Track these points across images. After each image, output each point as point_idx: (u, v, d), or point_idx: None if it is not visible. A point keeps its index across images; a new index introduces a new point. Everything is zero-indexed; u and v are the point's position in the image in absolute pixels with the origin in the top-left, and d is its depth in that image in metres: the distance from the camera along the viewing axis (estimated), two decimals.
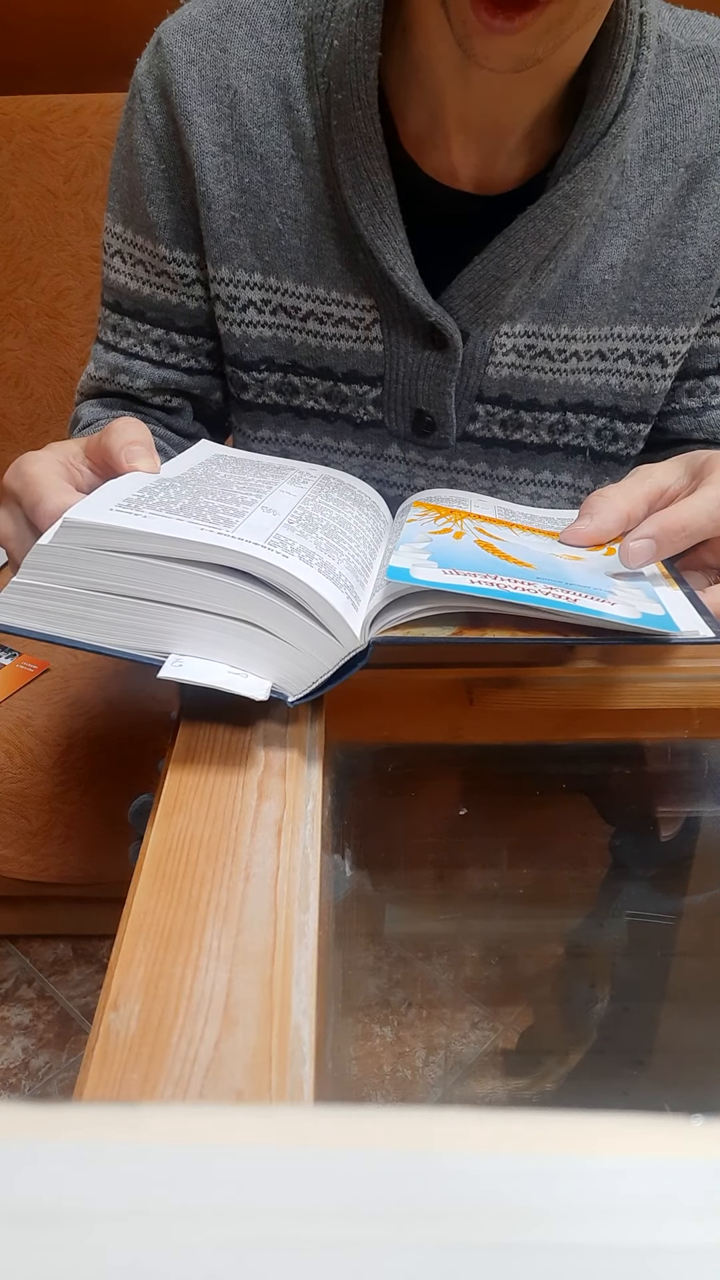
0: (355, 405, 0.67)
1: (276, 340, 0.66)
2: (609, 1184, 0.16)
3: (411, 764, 0.72)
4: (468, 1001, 1.15)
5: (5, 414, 1.42)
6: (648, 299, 0.62)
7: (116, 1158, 0.16)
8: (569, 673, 0.50)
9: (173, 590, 0.42)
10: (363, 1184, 0.16)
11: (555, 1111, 0.18)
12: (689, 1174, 0.17)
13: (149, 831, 0.39)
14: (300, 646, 0.43)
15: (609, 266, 0.61)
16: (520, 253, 0.59)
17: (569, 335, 0.63)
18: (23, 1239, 0.15)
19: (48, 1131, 0.17)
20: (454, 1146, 0.17)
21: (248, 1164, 0.16)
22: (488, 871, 0.83)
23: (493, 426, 0.67)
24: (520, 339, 0.63)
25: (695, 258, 0.61)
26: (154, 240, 0.65)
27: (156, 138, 0.62)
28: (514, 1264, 0.15)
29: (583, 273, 0.62)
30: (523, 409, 0.66)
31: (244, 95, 0.60)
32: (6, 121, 1.29)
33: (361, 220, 0.59)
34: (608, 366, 0.65)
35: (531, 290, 0.62)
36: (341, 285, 0.63)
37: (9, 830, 1.09)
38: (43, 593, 0.42)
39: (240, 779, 0.41)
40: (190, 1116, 0.17)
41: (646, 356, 0.64)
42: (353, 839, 0.57)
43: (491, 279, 0.60)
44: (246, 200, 0.62)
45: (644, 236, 0.61)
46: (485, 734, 0.53)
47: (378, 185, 0.58)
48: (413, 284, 0.60)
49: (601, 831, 0.83)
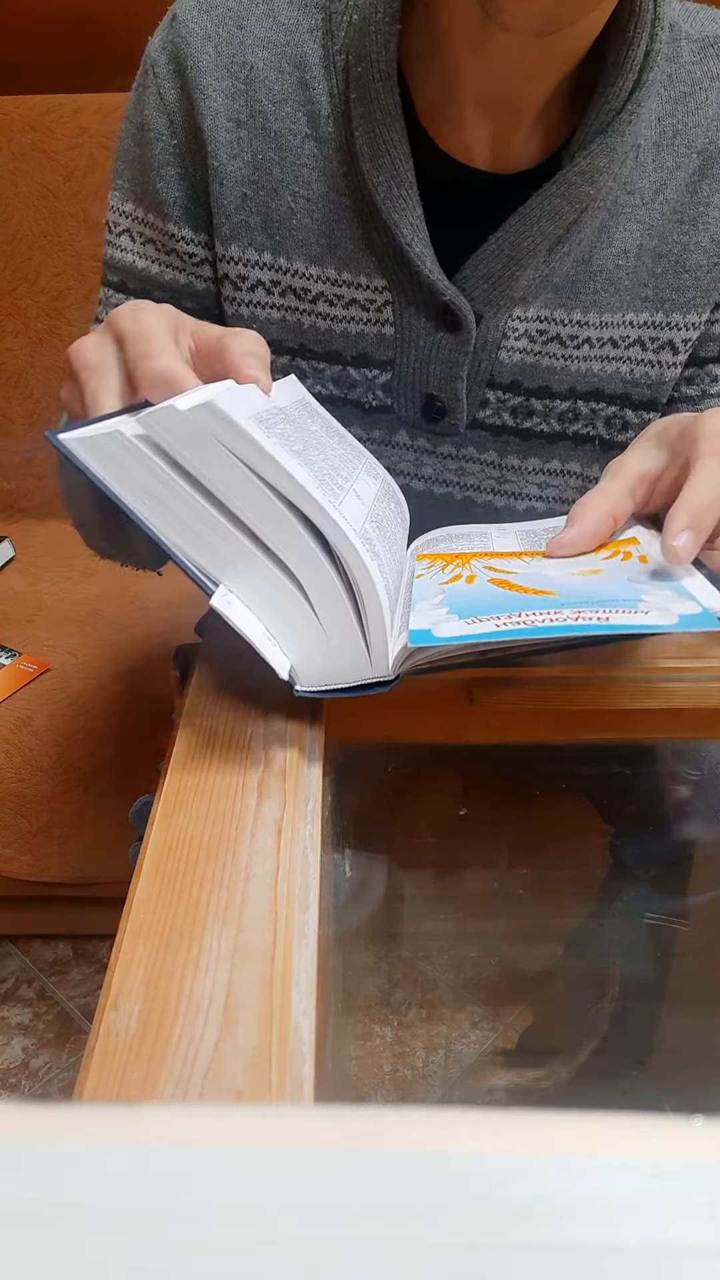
0: (364, 390, 0.66)
1: (285, 323, 0.65)
2: (609, 1184, 0.16)
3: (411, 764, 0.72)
4: (468, 1001, 1.15)
5: (5, 414, 1.42)
6: (660, 285, 0.63)
7: (116, 1158, 0.16)
8: (569, 673, 0.50)
9: (267, 528, 0.41)
10: (363, 1184, 0.16)
11: (555, 1111, 0.18)
12: (689, 1174, 0.17)
13: (149, 831, 0.39)
14: (337, 646, 0.42)
15: (622, 251, 0.61)
16: (536, 230, 0.59)
17: (581, 321, 0.63)
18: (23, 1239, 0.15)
19: (48, 1131, 0.17)
20: (454, 1146, 0.17)
21: (248, 1164, 0.16)
22: (488, 871, 0.83)
23: (503, 414, 0.67)
24: (533, 324, 0.63)
25: (707, 243, 0.61)
26: (164, 218, 0.65)
27: (169, 112, 0.62)
28: (514, 1264, 0.15)
29: (596, 257, 0.62)
30: (534, 396, 0.66)
31: (260, 71, 0.60)
32: (6, 121, 1.29)
33: (379, 194, 0.59)
34: (619, 354, 0.65)
35: (545, 274, 0.61)
36: (354, 266, 0.62)
37: (9, 830, 1.09)
38: (138, 456, 0.39)
39: (240, 779, 0.41)
40: (190, 1116, 0.17)
41: (658, 344, 0.64)
42: (353, 839, 0.57)
43: (506, 258, 0.60)
44: (259, 177, 0.61)
45: (657, 222, 0.61)
46: (485, 734, 0.53)
47: (396, 158, 0.58)
48: (428, 261, 0.60)
49: (601, 831, 0.83)
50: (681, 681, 0.50)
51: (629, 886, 0.83)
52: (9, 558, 1.37)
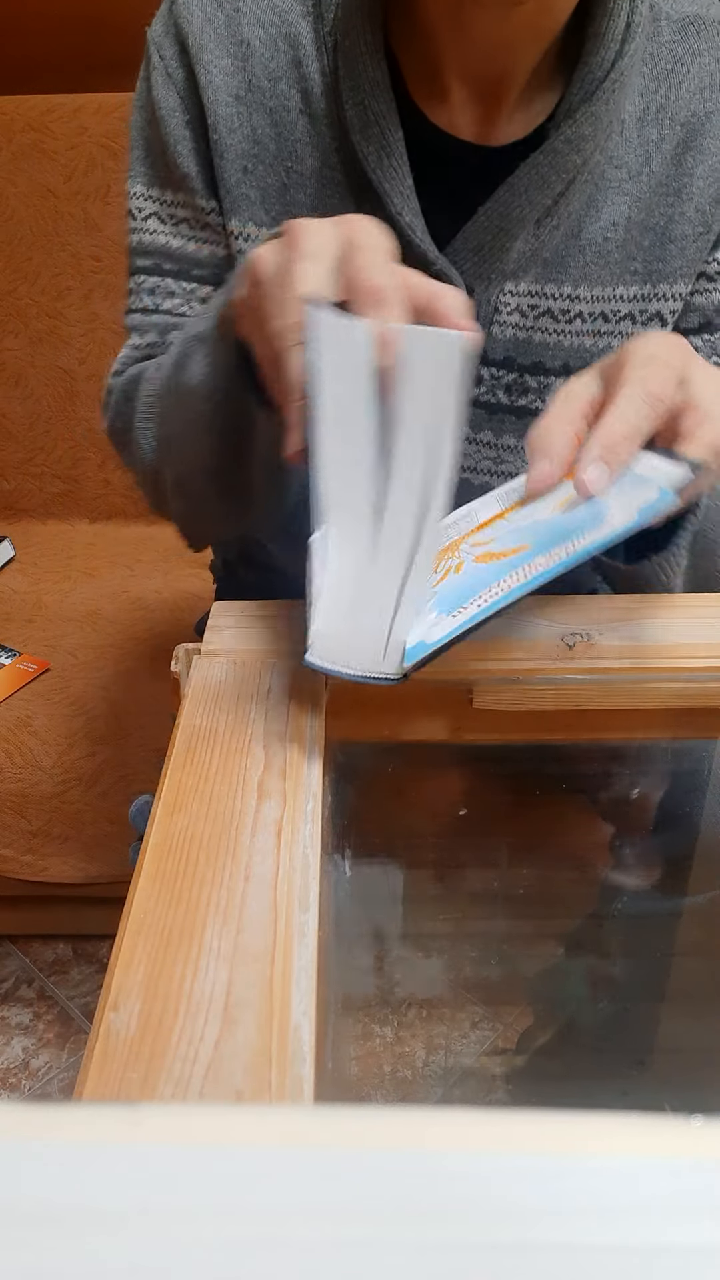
0: None
1: None
2: (609, 1184, 0.16)
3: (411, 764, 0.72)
4: (468, 1001, 1.15)
5: (5, 414, 1.42)
6: (648, 258, 0.64)
7: (116, 1158, 0.16)
8: (569, 673, 0.50)
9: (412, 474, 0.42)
10: (363, 1184, 0.16)
11: (555, 1111, 0.18)
12: (689, 1174, 0.17)
13: (149, 831, 0.39)
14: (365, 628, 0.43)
15: (610, 225, 0.63)
16: (524, 200, 0.60)
17: (572, 295, 0.64)
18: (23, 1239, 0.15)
19: (48, 1131, 0.17)
20: (454, 1146, 0.17)
21: (248, 1164, 0.16)
22: (488, 871, 0.83)
23: (497, 391, 0.68)
24: (524, 299, 0.64)
25: (692, 214, 0.63)
26: (191, 193, 0.66)
27: (179, 89, 0.64)
28: (514, 1264, 0.15)
29: (585, 231, 0.63)
30: (528, 372, 0.67)
31: (256, 49, 0.62)
32: (6, 121, 1.29)
33: (369, 164, 0.60)
34: (610, 329, 0.66)
35: (534, 247, 0.62)
36: None
37: (9, 830, 1.09)
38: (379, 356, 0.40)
39: (240, 779, 0.41)
40: (190, 1116, 0.17)
41: (646, 315, 0.65)
42: (353, 839, 0.57)
43: (495, 229, 0.61)
44: (257, 151, 0.63)
45: (644, 195, 0.62)
46: (485, 734, 0.53)
47: (385, 129, 0.59)
48: (419, 230, 0.61)
49: (601, 831, 0.83)
50: (682, 681, 0.50)
51: (629, 886, 0.83)
52: (9, 558, 1.37)
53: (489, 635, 0.52)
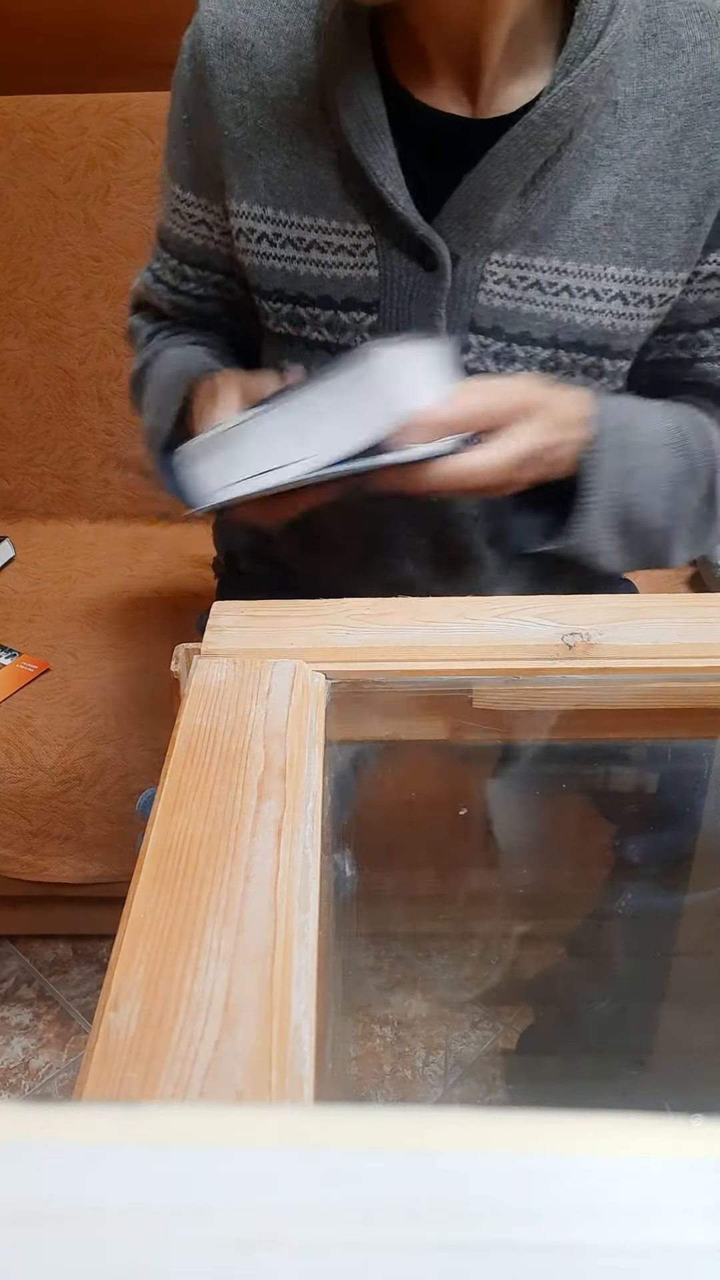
0: (353, 334, 0.71)
1: (285, 272, 0.71)
2: (609, 1184, 0.16)
3: (411, 764, 0.72)
4: (468, 1001, 1.15)
5: (5, 414, 1.42)
6: (641, 241, 0.65)
7: (116, 1158, 0.16)
8: (569, 673, 0.50)
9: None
10: (363, 1184, 0.16)
11: (555, 1111, 0.18)
12: (689, 1174, 0.17)
13: (148, 831, 0.39)
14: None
15: (600, 203, 0.64)
16: (503, 171, 0.62)
17: (559, 268, 0.66)
18: (23, 1239, 0.15)
19: (48, 1131, 0.17)
20: (454, 1146, 0.17)
21: (248, 1164, 0.16)
22: (488, 871, 0.83)
23: (485, 359, 0.69)
24: (512, 269, 0.66)
25: (686, 203, 0.64)
26: (172, 180, 0.74)
27: (184, 91, 0.70)
28: (514, 1264, 0.15)
29: (575, 208, 0.64)
30: (515, 342, 0.69)
31: (259, 48, 0.67)
32: (6, 121, 1.29)
33: (353, 140, 0.64)
34: (601, 307, 0.67)
35: (522, 219, 0.65)
36: (341, 214, 0.67)
37: (9, 830, 1.09)
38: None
39: (240, 779, 0.41)
40: (190, 1116, 0.17)
41: (638, 298, 0.67)
42: (353, 839, 0.57)
43: (478, 198, 0.63)
44: (260, 140, 0.68)
45: (635, 176, 0.64)
46: (485, 734, 0.53)
47: (367, 104, 0.63)
48: (401, 200, 0.64)
49: (602, 831, 0.83)
50: (681, 681, 0.50)
51: (629, 886, 0.83)
52: (9, 558, 1.37)
53: (489, 635, 0.52)
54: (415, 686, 0.50)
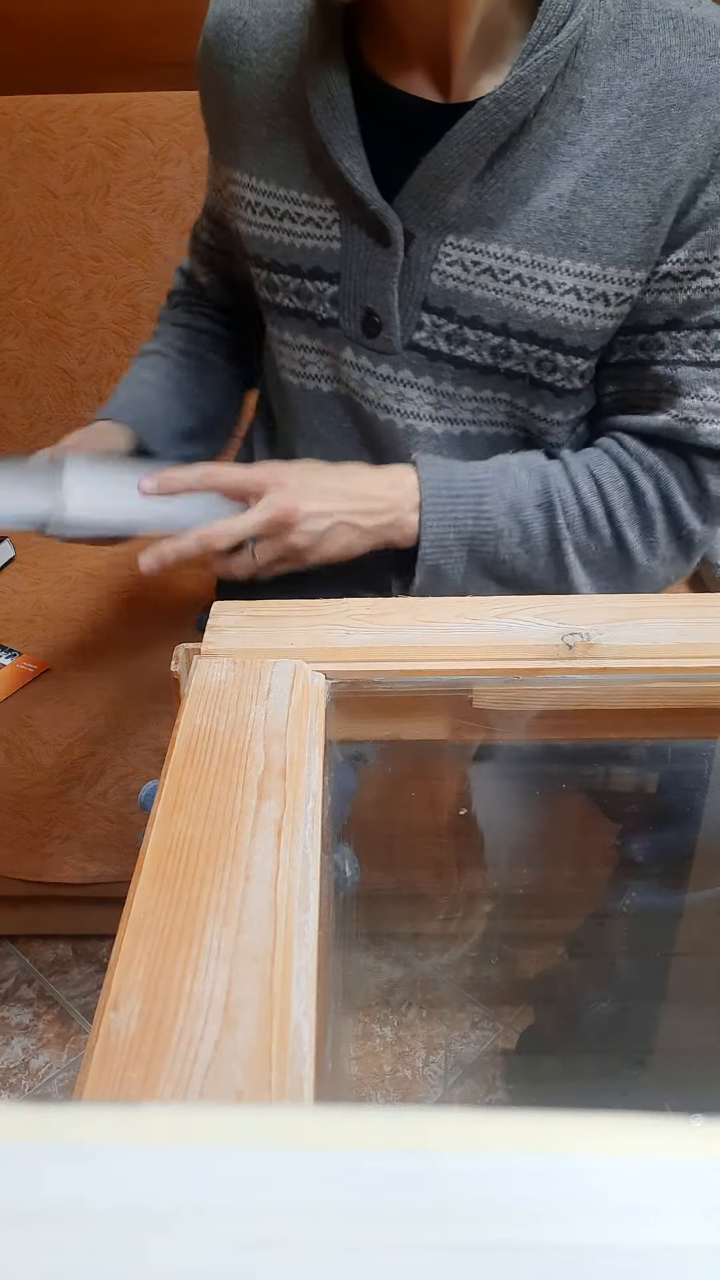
0: (317, 302, 0.74)
1: (263, 239, 0.75)
2: (609, 1184, 0.16)
3: (411, 764, 0.72)
4: (468, 1001, 1.15)
5: (5, 414, 1.42)
6: (597, 237, 0.66)
7: (116, 1158, 0.16)
8: (569, 673, 0.50)
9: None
10: (363, 1184, 0.16)
11: (555, 1111, 0.18)
12: (689, 1174, 0.17)
13: (148, 831, 0.39)
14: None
15: (556, 195, 0.66)
16: (456, 154, 0.64)
17: (512, 256, 0.67)
18: (23, 1239, 0.15)
19: (48, 1131, 0.17)
20: (454, 1146, 0.17)
21: (248, 1164, 0.16)
22: (488, 871, 0.83)
23: (438, 339, 0.72)
24: (466, 253, 0.68)
25: (644, 202, 0.65)
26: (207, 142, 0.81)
27: (200, 70, 0.75)
28: (514, 1264, 0.15)
29: (532, 199, 0.66)
30: (466, 325, 0.70)
31: (250, 26, 0.71)
32: (6, 121, 1.29)
33: (317, 117, 0.67)
34: (555, 300, 0.68)
35: (478, 205, 0.66)
36: (310, 188, 0.71)
37: (9, 830, 1.09)
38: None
39: (240, 779, 0.41)
40: (190, 1116, 0.17)
41: (593, 294, 0.68)
42: (353, 839, 0.57)
43: (432, 179, 0.65)
44: (245, 113, 0.73)
45: (593, 172, 0.65)
46: (485, 734, 0.53)
47: (330, 83, 0.66)
48: (358, 176, 0.67)
49: (602, 831, 0.83)
50: (681, 681, 0.50)
51: (629, 886, 0.83)
52: (9, 558, 1.37)
53: (489, 635, 0.52)
54: (415, 686, 0.50)
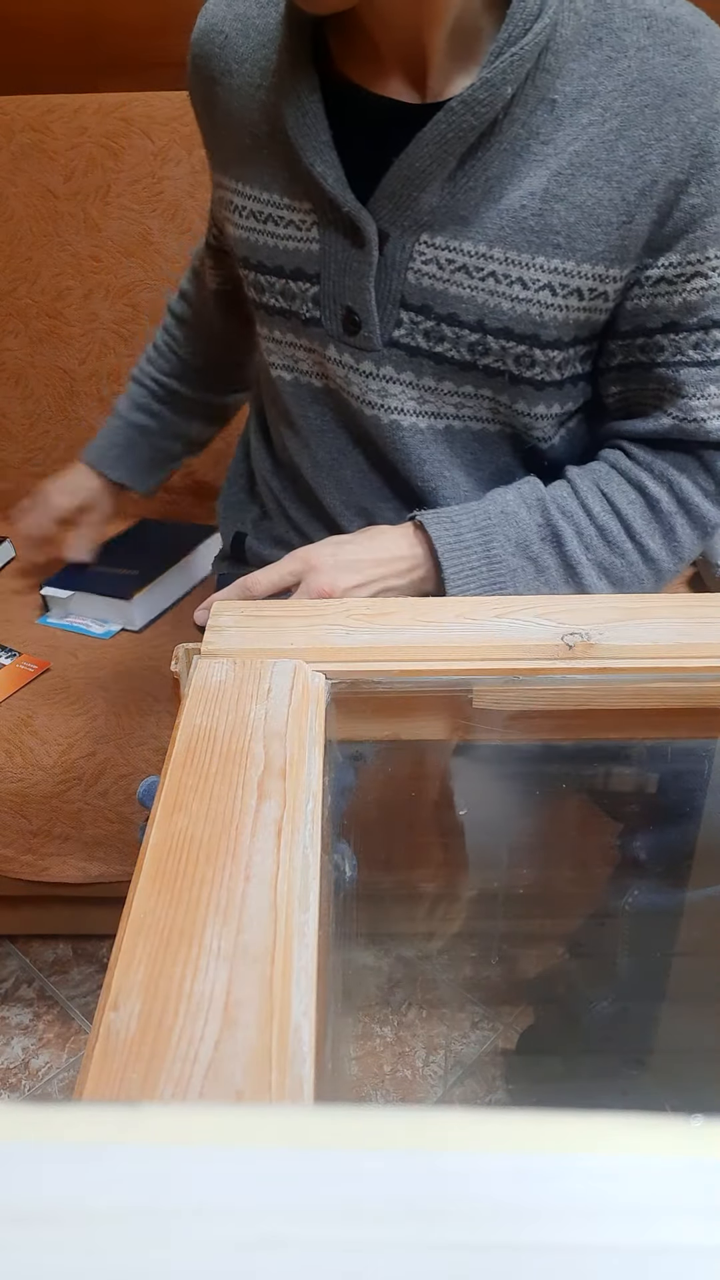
0: (300, 302, 0.76)
1: (250, 242, 0.77)
2: (609, 1184, 0.16)
3: (411, 764, 0.72)
4: (468, 1001, 1.15)
5: (5, 414, 1.42)
6: (571, 234, 0.67)
7: (116, 1158, 0.16)
8: (569, 673, 0.50)
9: None
10: (363, 1184, 0.16)
11: (555, 1111, 0.18)
12: (689, 1174, 0.17)
13: (148, 831, 0.39)
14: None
15: (529, 193, 0.66)
16: (426, 155, 0.65)
17: (486, 254, 0.68)
18: (23, 1239, 0.15)
19: (48, 1131, 0.17)
20: (454, 1146, 0.17)
21: (248, 1164, 0.16)
22: (488, 871, 0.83)
23: (417, 336, 0.73)
24: (441, 251, 0.69)
25: (619, 201, 0.65)
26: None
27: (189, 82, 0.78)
28: (514, 1264, 0.15)
29: (505, 197, 0.67)
30: (444, 322, 0.71)
31: (231, 38, 0.74)
32: (6, 121, 1.29)
33: (289, 123, 0.69)
34: (529, 296, 0.69)
35: (450, 204, 0.67)
36: (291, 192, 0.73)
37: (9, 830, 1.09)
38: None
39: (240, 779, 0.41)
40: (190, 1116, 0.17)
41: (567, 290, 0.69)
42: (353, 839, 0.57)
43: (404, 179, 0.67)
44: (232, 122, 0.75)
45: (566, 170, 0.65)
46: (485, 734, 0.53)
47: (300, 91, 0.68)
48: (331, 179, 0.69)
49: (602, 831, 0.83)
50: (681, 681, 0.50)
51: (629, 886, 0.83)
52: (9, 558, 1.37)
53: (489, 635, 0.52)
54: (415, 686, 0.50)
